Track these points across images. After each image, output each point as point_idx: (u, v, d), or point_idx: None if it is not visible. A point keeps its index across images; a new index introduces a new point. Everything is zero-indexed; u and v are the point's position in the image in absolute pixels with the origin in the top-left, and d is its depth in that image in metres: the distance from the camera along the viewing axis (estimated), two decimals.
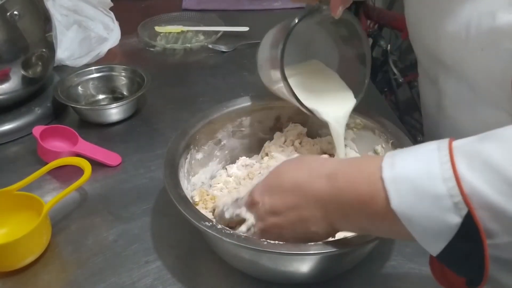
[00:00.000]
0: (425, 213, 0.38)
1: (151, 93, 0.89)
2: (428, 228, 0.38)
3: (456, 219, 0.36)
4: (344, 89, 0.66)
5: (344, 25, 0.64)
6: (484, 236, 0.36)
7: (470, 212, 0.36)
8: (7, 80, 0.79)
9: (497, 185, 0.35)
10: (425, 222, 0.38)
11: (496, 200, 0.35)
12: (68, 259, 0.61)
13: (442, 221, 0.37)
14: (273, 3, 1.33)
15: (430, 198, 0.37)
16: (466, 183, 0.36)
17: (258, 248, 0.48)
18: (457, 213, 0.36)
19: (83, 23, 1.05)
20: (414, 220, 0.38)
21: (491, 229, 0.36)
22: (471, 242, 0.37)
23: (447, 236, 0.37)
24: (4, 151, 0.79)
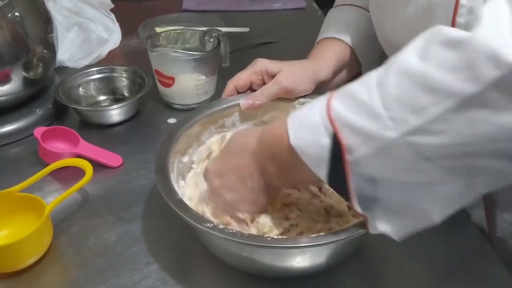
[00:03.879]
0: (309, 141, 0.46)
1: (152, 94, 0.89)
2: (314, 154, 0.46)
3: (327, 140, 0.45)
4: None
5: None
6: (344, 150, 0.44)
7: (334, 131, 0.44)
8: (8, 82, 0.79)
9: (353, 108, 0.44)
10: (311, 150, 0.46)
11: (351, 118, 0.43)
12: (70, 260, 0.61)
13: (320, 145, 0.45)
14: (273, 4, 1.33)
15: (311, 128, 0.46)
16: (334, 110, 0.45)
17: (259, 244, 0.49)
18: (328, 135, 0.45)
19: (84, 25, 1.05)
20: (304, 149, 0.47)
21: (351, 144, 0.43)
22: (339, 161, 0.44)
23: (325, 158, 0.45)
24: (5, 153, 0.79)
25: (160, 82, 0.88)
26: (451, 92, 0.38)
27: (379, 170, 0.44)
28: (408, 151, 0.41)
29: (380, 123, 0.42)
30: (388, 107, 0.41)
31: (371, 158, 0.43)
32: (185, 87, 0.86)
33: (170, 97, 0.89)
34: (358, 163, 0.44)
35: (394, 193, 0.45)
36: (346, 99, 0.45)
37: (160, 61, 0.86)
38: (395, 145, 0.41)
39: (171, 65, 0.85)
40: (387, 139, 0.41)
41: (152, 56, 0.86)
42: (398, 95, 0.41)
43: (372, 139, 0.42)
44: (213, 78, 0.89)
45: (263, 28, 1.20)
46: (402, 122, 0.40)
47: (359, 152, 0.43)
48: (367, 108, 0.43)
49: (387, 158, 0.42)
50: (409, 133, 0.40)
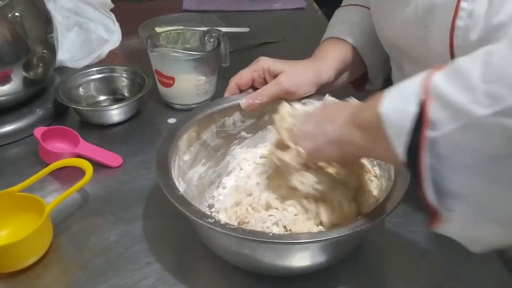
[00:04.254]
0: (396, 107, 0.42)
1: (152, 94, 0.89)
2: (396, 123, 0.41)
3: (414, 109, 0.40)
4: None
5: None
6: (426, 123, 0.39)
7: (424, 100, 0.39)
8: (8, 82, 0.79)
9: (451, 77, 0.39)
10: (394, 117, 0.42)
11: (448, 90, 0.38)
12: (70, 260, 0.61)
13: (404, 112, 0.40)
14: (274, 4, 1.33)
15: (403, 94, 0.42)
16: (433, 78, 0.40)
17: (260, 239, 0.49)
18: (416, 101, 0.40)
19: (84, 25, 1.05)
20: (388, 116, 0.42)
21: (436, 117, 0.38)
22: (419, 135, 0.39)
23: (406, 128, 0.40)
24: (5, 153, 0.79)
25: (160, 82, 0.88)
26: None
27: (460, 153, 0.38)
28: (497, 135, 0.36)
29: (472, 97, 0.37)
30: (487, 79, 0.37)
31: (454, 137, 0.38)
32: (185, 87, 0.86)
33: (170, 97, 0.89)
34: (437, 141, 0.39)
35: (474, 188, 0.39)
36: (451, 68, 0.40)
37: (160, 61, 0.86)
38: (483, 125, 0.36)
39: (171, 65, 0.85)
40: (476, 116, 0.36)
41: (152, 56, 0.86)
42: (501, 67, 0.36)
43: (460, 114, 0.37)
44: (213, 78, 0.89)
45: (263, 28, 1.21)
46: (498, 98, 0.35)
47: (443, 128, 0.38)
48: (464, 77, 0.38)
49: (473, 139, 0.37)
50: (503, 113, 0.35)
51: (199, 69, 0.85)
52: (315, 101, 0.70)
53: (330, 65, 0.74)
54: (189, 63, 0.84)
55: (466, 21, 0.54)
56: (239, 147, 0.73)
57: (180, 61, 0.85)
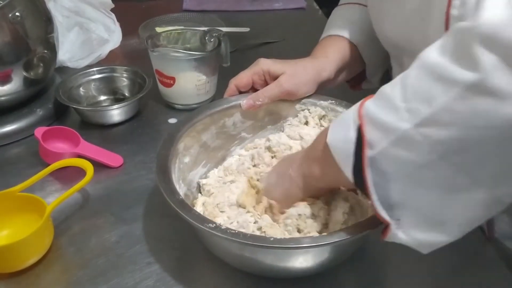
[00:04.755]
0: (340, 136, 0.47)
1: (152, 94, 0.89)
2: (341, 149, 0.47)
3: (354, 134, 0.45)
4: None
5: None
6: (365, 144, 0.44)
7: (360, 124, 0.45)
8: (8, 82, 0.79)
9: (379, 102, 0.44)
10: (340, 144, 0.47)
11: (375, 111, 0.44)
12: (71, 260, 0.61)
13: (347, 138, 0.46)
14: (274, 4, 1.33)
15: (344, 123, 0.47)
16: (364, 105, 0.45)
17: (260, 244, 0.49)
18: (355, 128, 0.45)
19: (85, 25, 1.05)
20: (335, 144, 0.48)
21: (372, 137, 0.44)
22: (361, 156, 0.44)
23: (351, 152, 0.45)
24: (6, 153, 0.79)
25: (160, 82, 0.88)
26: (455, 80, 0.38)
27: (393, 165, 0.43)
28: (421, 144, 0.41)
29: (397, 115, 0.42)
30: (406, 99, 0.42)
31: (388, 152, 0.43)
32: (186, 87, 0.86)
33: (170, 97, 0.89)
34: (375, 158, 0.43)
35: (411, 195, 0.44)
36: (378, 95, 0.45)
37: (161, 61, 0.86)
38: (408, 137, 0.41)
39: (172, 65, 0.85)
40: (401, 130, 0.41)
41: (152, 56, 0.86)
42: (414, 86, 0.42)
43: (389, 132, 0.42)
44: (214, 78, 0.89)
45: (263, 28, 1.21)
46: (416, 113, 0.40)
47: (378, 146, 0.43)
48: (389, 101, 0.43)
49: (402, 151, 0.42)
50: (421, 124, 0.40)
51: (200, 69, 0.85)
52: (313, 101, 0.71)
53: (330, 63, 0.74)
54: (189, 63, 0.84)
55: (460, 10, 0.54)
56: (239, 147, 0.72)
57: (180, 61, 0.85)
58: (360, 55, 0.78)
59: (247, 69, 0.72)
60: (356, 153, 0.45)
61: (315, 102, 0.71)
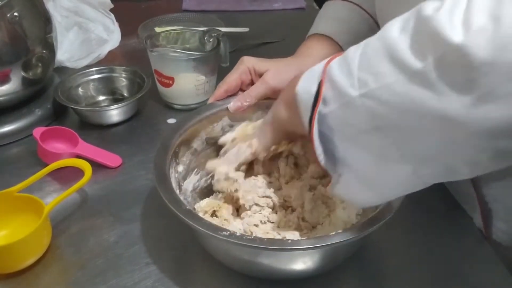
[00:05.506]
0: (305, 88, 0.49)
1: (151, 94, 0.89)
2: (304, 100, 0.49)
3: (315, 87, 0.48)
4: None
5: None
6: (319, 99, 0.47)
7: (321, 81, 0.47)
8: (7, 82, 0.79)
9: (341, 63, 0.46)
10: (303, 96, 0.49)
11: (335, 72, 0.46)
12: (69, 261, 0.61)
13: (310, 92, 0.48)
14: (273, 4, 1.33)
15: (312, 77, 0.49)
16: (330, 65, 0.47)
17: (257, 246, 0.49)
18: (317, 82, 0.48)
19: (84, 25, 1.05)
20: (301, 94, 0.50)
21: (327, 96, 0.46)
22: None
23: (309, 103, 0.48)
24: (4, 153, 0.79)
25: (159, 82, 0.87)
26: (404, 65, 0.40)
27: (340, 125, 0.46)
28: (363, 113, 0.43)
29: (350, 81, 0.44)
30: (360, 67, 0.44)
31: (338, 113, 0.45)
32: (185, 87, 0.86)
33: (169, 97, 0.89)
34: (326, 115, 0.46)
35: (351, 155, 0.46)
36: (343, 55, 0.47)
37: (160, 61, 0.86)
38: (353, 103, 0.43)
39: (171, 65, 0.85)
40: (350, 96, 0.44)
41: (151, 56, 0.86)
42: (370, 58, 0.43)
43: (341, 95, 0.45)
44: (213, 78, 0.89)
45: (263, 28, 1.20)
46: (364, 83, 0.43)
47: (330, 105, 0.46)
48: (348, 65, 0.45)
49: (348, 115, 0.44)
50: (366, 95, 0.42)
51: (199, 69, 0.85)
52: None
53: (313, 63, 0.72)
54: (188, 63, 0.84)
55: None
56: None
57: (179, 61, 0.85)
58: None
59: (233, 71, 0.72)
60: (313, 107, 0.48)
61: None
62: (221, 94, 0.70)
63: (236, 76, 0.71)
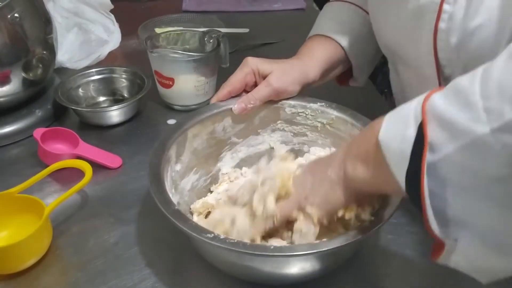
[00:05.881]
0: (395, 133, 0.41)
1: (151, 95, 0.89)
2: (396, 148, 0.40)
3: (413, 131, 0.38)
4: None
5: None
6: (426, 144, 0.37)
7: (422, 121, 0.38)
8: (7, 82, 0.79)
9: (450, 96, 0.37)
10: (394, 143, 0.40)
11: (447, 109, 0.37)
12: (69, 262, 0.61)
13: (404, 136, 0.39)
14: (273, 5, 1.33)
15: (401, 118, 0.41)
16: (430, 99, 0.38)
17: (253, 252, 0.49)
18: (415, 124, 0.38)
19: (84, 26, 1.05)
20: (388, 142, 0.41)
21: (437, 140, 0.37)
22: (420, 159, 0.37)
23: (407, 153, 0.38)
24: (5, 154, 0.79)
25: (159, 83, 0.88)
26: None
27: (459, 174, 0.36)
28: (497, 153, 0.34)
29: (471, 114, 0.35)
30: (485, 95, 0.34)
31: (454, 159, 0.36)
32: (185, 88, 0.86)
33: (169, 98, 0.89)
34: (437, 164, 0.37)
35: (477, 212, 0.37)
36: (449, 87, 0.38)
37: (160, 62, 0.86)
38: (483, 143, 0.34)
39: (171, 66, 0.85)
40: (475, 134, 0.34)
41: (151, 57, 0.86)
42: (500, 81, 0.34)
43: (459, 134, 0.35)
44: (213, 79, 0.89)
45: (263, 28, 1.20)
46: (497, 114, 0.33)
47: (443, 150, 0.36)
48: (463, 95, 0.36)
49: (472, 159, 0.35)
50: (502, 129, 0.33)
51: (199, 70, 0.85)
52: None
53: (316, 64, 0.73)
54: (188, 64, 0.84)
55: (448, 24, 0.53)
56: (230, 152, 0.72)
57: (179, 62, 0.85)
58: (347, 56, 0.77)
59: (237, 71, 0.71)
60: (414, 156, 0.38)
61: (305, 105, 0.70)
62: (224, 95, 0.69)
63: (241, 78, 0.70)
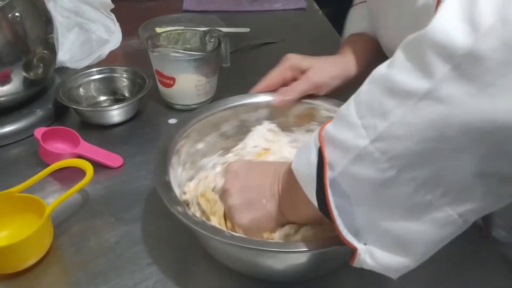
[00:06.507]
0: (303, 160, 0.46)
1: (152, 95, 0.89)
2: (304, 173, 0.46)
3: (314, 155, 0.44)
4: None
5: None
6: (325, 165, 0.42)
7: (320, 146, 0.44)
8: (8, 82, 0.79)
9: (336, 122, 0.44)
10: (303, 169, 0.46)
11: (333, 131, 0.43)
12: (70, 261, 0.61)
13: (310, 162, 0.44)
14: (274, 4, 1.33)
15: (307, 149, 0.46)
16: (325, 129, 0.44)
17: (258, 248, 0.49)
18: (315, 149, 0.44)
19: (85, 25, 1.05)
20: (300, 169, 0.47)
21: (332, 158, 0.42)
22: (322, 179, 0.43)
23: (313, 176, 0.44)
24: (5, 153, 0.79)
25: (160, 82, 0.88)
26: (409, 91, 0.37)
27: (355, 185, 0.42)
28: (379, 160, 0.39)
29: (355, 132, 0.41)
30: (361, 115, 0.41)
31: (349, 171, 0.41)
32: (186, 88, 0.86)
33: (170, 98, 0.89)
34: (336, 180, 0.42)
35: (376, 218, 0.42)
36: (336, 116, 0.45)
37: (161, 61, 0.86)
38: (366, 153, 0.39)
39: (172, 66, 0.85)
40: (359, 147, 0.40)
41: (152, 56, 0.86)
42: (368, 101, 0.41)
43: (348, 150, 0.41)
44: (214, 79, 0.89)
45: (263, 28, 1.20)
46: (372, 128, 0.39)
47: (339, 166, 0.42)
48: (345, 119, 0.42)
49: (362, 169, 0.40)
50: (378, 139, 0.39)
51: (200, 69, 0.85)
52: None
53: (358, 59, 0.73)
54: (189, 64, 0.84)
55: None
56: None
57: (180, 62, 0.85)
58: (383, 52, 0.76)
59: (277, 67, 0.71)
60: (318, 176, 0.43)
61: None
62: (262, 87, 0.70)
63: (279, 74, 0.70)
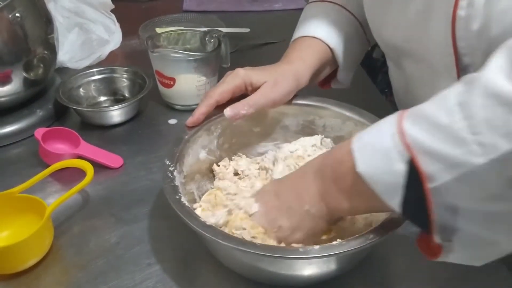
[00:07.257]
0: (381, 168, 0.44)
1: (152, 95, 0.89)
2: (385, 182, 0.44)
3: (402, 166, 0.42)
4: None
5: None
6: (424, 177, 0.41)
7: (411, 158, 0.42)
8: (8, 82, 0.79)
9: (432, 132, 0.41)
10: (383, 177, 0.44)
11: (431, 143, 0.41)
12: (70, 262, 0.61)
13: (393, 171, 0.43)
14: (274, 4, 1.33)
15: (382, 154, 0.44)
16: (409, 135, 0.42)
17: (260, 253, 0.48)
18: (403, 161, 0.42)
19: (85, 26, 1.05)
20: (375, 177, 0.45)
21: (431, 171, 0.41)
22: (418, 189, 0.42)
23: (400, 185, 0.43)
24: (6, 153, 0.79)
25: (160, 82, 0.88)
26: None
27: (462, 198, 0.41)
28: (496, 178, 0.39)
29: (465, 149, 0.39)
30: (475, 131, 0.39)
31: (454, 186, 0.41)
32: (186, 88, 0.86)
33: (170, 98, 0.89)
34: (439, 191, 0.41)
35: (476, 223, 0.42)
36: (422, 122, 0.43)
37: (161, 61, 0.86)
38: (482, 172, 0.39)
39: (172, 66, 0.85)
40: (474, 166, 0.39)
41: (152, 56, 0.86)
42: (487, 119, 0.39)
43: (456, 166, 0.40)
44: (214, 79, 0.89)
45: (263, 28, 1.21)
46: (492, 148, 0.38)
47: (440, 179, 0.41)
48: (449, 132, 0.40)
49: (472, 185, 0.40)
50: (500, 160, 0.38)
51: (200, 69, 0.85)
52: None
53: (307, 68, 0.70)
54: (189, 64, 0.84)
55: (467, 11, 0.53)
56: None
57: (180, 62, 0.85)
58: (333, 57, 0.75)
59: (226, 82, 0.66)
60: (409, 186, 0.43)
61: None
62: (212, 104, 0.65)
63: (230, 89, 0.66)
